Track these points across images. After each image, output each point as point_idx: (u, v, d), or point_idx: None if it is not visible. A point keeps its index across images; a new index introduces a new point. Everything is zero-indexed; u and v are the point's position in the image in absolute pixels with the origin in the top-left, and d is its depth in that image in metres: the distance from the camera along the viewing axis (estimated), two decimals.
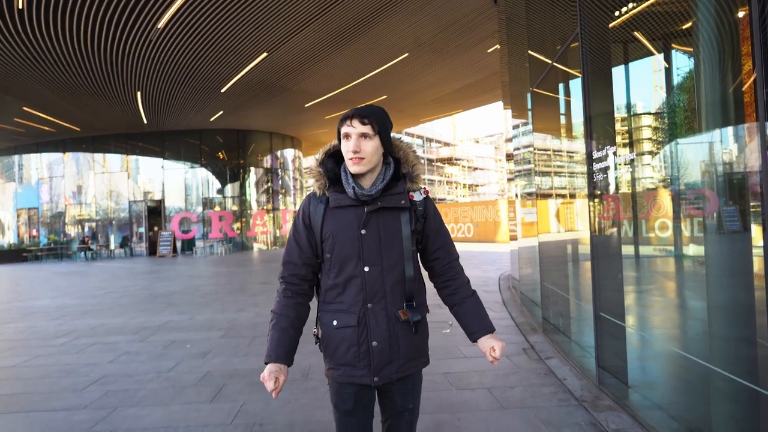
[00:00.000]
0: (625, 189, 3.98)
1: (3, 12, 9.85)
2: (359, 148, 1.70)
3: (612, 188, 3.89)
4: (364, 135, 1.71)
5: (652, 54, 3.85)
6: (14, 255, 23.36)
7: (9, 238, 26.39)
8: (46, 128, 20.94)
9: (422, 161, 1.91)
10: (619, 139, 4.18)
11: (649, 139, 4.11)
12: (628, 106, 4.11)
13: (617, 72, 4.15)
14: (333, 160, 1.83)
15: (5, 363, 5.25)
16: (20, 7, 9.67)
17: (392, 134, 1.84)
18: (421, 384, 1.92)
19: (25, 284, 13.62)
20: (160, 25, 10.78)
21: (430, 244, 1.88)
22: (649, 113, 4.16)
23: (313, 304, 1.91)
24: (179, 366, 4.85)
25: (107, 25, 10.67)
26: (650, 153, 4.13)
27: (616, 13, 4.00)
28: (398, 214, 1.78)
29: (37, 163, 25.66)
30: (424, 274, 1.95)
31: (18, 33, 10.89)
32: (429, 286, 1.97)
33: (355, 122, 1.71)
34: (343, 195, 1.76)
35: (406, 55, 14.14)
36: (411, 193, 1.81)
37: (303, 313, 1.84)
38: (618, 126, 4.06)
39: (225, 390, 4.09)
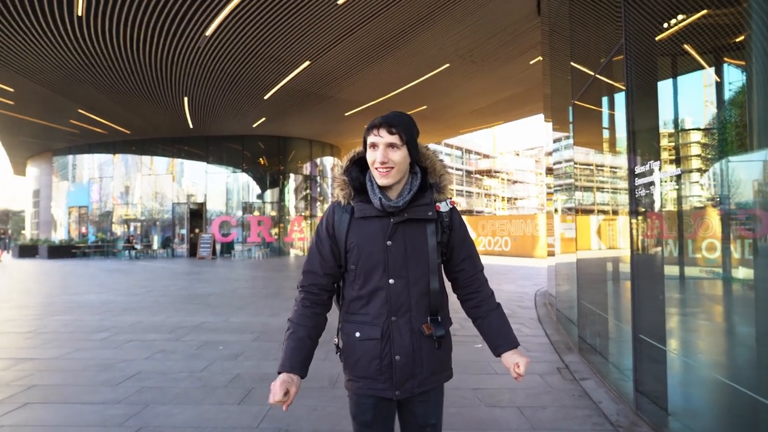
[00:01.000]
0: (670, 207, 3.83)
1: (64, 18, 10.36)
2: (387, 159, 1.65)
3: (656, 206, 3.74)
4: (391, 145, 1.66)
5: (702, 68, 3.70)
6: (64, 251, 24.40)
7: (60, 235, 27.61)
8: (99, 130, 21.84)
9: (449, 171, 1.82)
10: (665, 155, 4.03)
11: (698, 155, 3.95)
12: (676, 121, 3.96)
13: (664, 86, 4.01)
14: (358, 168, 1.79)
15: (49, 354, 5.45)
16: (79, 14, 10.14)
17: (419, 143, 1.79)
18: (443, 398, 1.86)
19: (72, 279, 14.17)
20: (209, 32, 11.12)
21: (455, 256, 1.84)
22: (699, 129, 4.00)
23: (333, 313, 1.88)
24: (211, 366, 4.92)
25: (159, 31, 11.07)
26: (699, 170, 3.96)
27: (664, 25, 3.87)
28: (424, 226, 1.74)
29: (89, 164, 26.77)
30: (447, 285, 1.91)
31: (77, 39, 11.43)
32: (452, 297, 1.92)
33: (383, 131, 1.66)
34: (369, 205, 1.72)
35: (447, 65, 14.13)
36: (437, 204, 1.76)
37: (321, 323, 1.80)
38: (665, 142, 3.92)
39: (254, 393, 4.12)
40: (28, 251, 25.12)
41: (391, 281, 1.70)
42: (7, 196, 72.31)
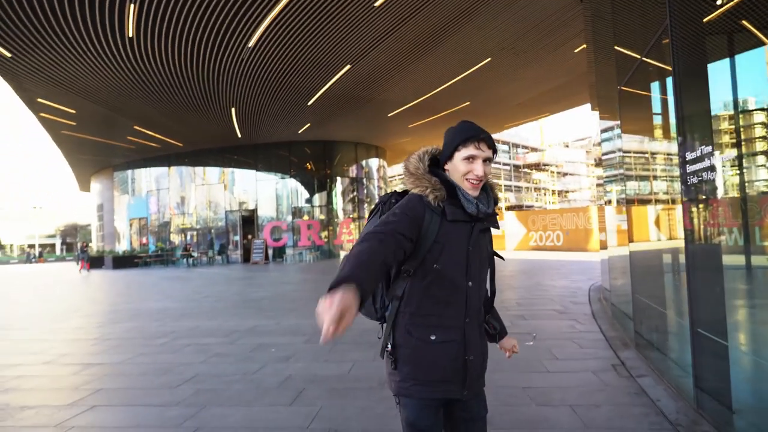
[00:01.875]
0: (732, 193, 3.63)
1: (116, 41, 10.91)
2: (485, 173, 1.74)
3: (715, 192, 3.55)
4: (487, 160, 1.74)
5: (763, 44, 3.49)
6: (127, 261, 25.67)
7: (123, 246, 29.05)
8: (153, 144, 22.83)
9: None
10: (726, 138, 3.83)
11: (764, 137, 3.73)
12: (735, 103, 3.75)
13: (719, 66, 3.81)
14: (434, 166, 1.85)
15: (113, 359, 5.74)
16: (130, 35, 10.64)
17: None
18: None
19: (134, 288, 14.86)
20: (251, 43, 11.41)
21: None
22: (763, 109, 3.77)
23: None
24: (264, 369, 5.04)
25: (204, 46, 11.47)
26: (765, 153, 3.74)
27: (718, 2, 3.67)
28: (487, 234, 1.88)
29: (146, 177, 28.03)
30: None
31: (129, 59, 12.01)
32: None
33: (484, 146, 1.72)
34: (460, 210, 1.74)
35: (489, 59, 13.93)
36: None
37: (399, 257, 1.62)
38: (725, 125, 3.72)
39: (304, 394, 4.19)
40: (95, 262, 26.54)
41: (470, 284, 1.76)
42: (75, 211, 76.78)
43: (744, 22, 3.57)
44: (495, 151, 1.76)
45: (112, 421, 3.77)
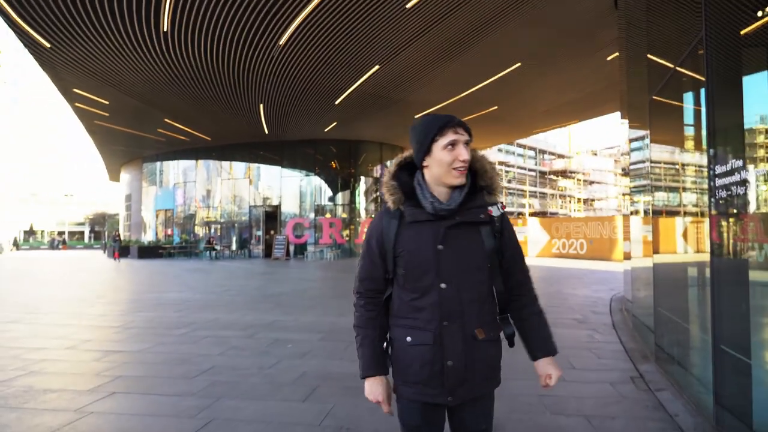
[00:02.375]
0: (765, 209, 3.54)
1: (151, 35, 11.15)
2: (469, 156, 1.67)
3: (746, 207, 3.47)
4: (467, 143, 1.68)
5: None
6: (152, 251, 26.20)
7: (149, 236, 29.64)
8: (182, 137, 23.24)
9: (500, 174, 1.79)
10: (762, 152, 3.73)
11: None
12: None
13: (755, 79, 3.71)
14: (406, 172, 1.78)
15: (134, 348, 5.87)
16: (165, 30, 10.86)
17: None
18: (493, 405, 1.83)
19: (158, 278, 15.15)
20: (282, 42, 11.54)
21: (505, 261, 1.79)
22: None
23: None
24: (279, 364, 5.10)
25: (236, 43, 11.65)
26: None
27: (758, 14, 3.58)
28: (477, 229, 1.71)
29: (174, 169, 28.56)
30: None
31: (163, 53, 12.27)
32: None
33: (461, 129, 1.67)
34: (419, 210, 1.70)
35: (519, 64, 13.82)
36: (489, 208, 1.71)
37: (385, 325, 1.83)
38: (761, 138, 3.63)
39: (318, 391, 4.22)
40: (122, 251, 27.13)
41: (442, 285, 1.66)
42: (104, 200, 78.70)
43: None
44: (471, 135, 1.70)
45: (129, 408, 3.86)
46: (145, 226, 30.58)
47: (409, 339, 1.71)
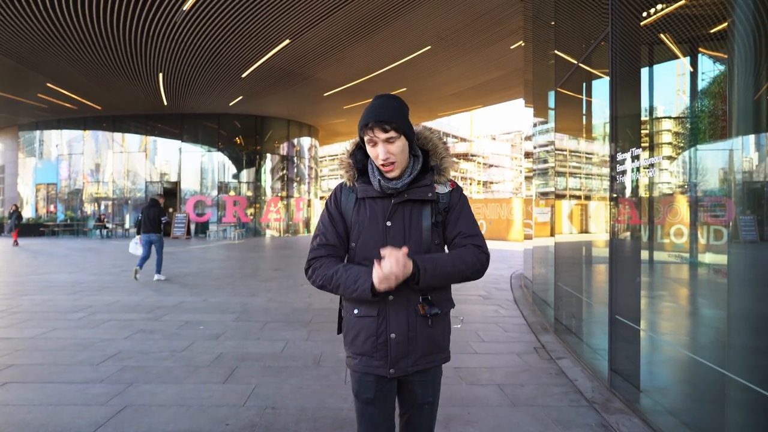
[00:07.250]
0: (643, 193, 3.94)
1: None
2: (388, 155, 1.69)
3: (631, 192, 3.86)
4: (389, 140, 1.68)
5: (676, 57, 3.79)
6: (32, 229, 23.74)
7: (27, 213, 26.79)
8: (68, 105, 21.19)
9: (452, 153, 1.85)
10: (644, 142, 4.13)
11: (669, 143, 4.06)
12: (650, 110, 4.07)
13: (641, 74, 4.09)
14: (362, 151, 1.82)
15: (24, 334, 5.36)
16: None
17: (423, 125, 1.80)
18: (440, 379, 1.90)
19: (42, 259, 13.85)
20: (186, 7, 10.82)
21: (449, 233, 1.82)
22: (670, 117, 4.10)
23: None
24: (193, 346, 4.92)
25: (134, 4, 10.73)
26: (669, 158, 4.08)
27: (650, 11, 3.93)
28: (423, 207, 1.77)
29: (57, 140, 25.98)
30: None
31: (45, 8, 10.98)
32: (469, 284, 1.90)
33: (378, 132, 1.67)
34: (370, 187, 1.77)
35: (429, 48, 14.07)
36: (435, 186, 1.78)
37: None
38: (644, 129, 4.02)
39: (237, 372, 4.14)
40: None
41: None
42: None
43: (662, 36, 3.86)
44: (399, 127, 1.67)
45: (29, 399, 3.54)
46: (23, 201, 27.62)
47: (356, 311, 1.77)
